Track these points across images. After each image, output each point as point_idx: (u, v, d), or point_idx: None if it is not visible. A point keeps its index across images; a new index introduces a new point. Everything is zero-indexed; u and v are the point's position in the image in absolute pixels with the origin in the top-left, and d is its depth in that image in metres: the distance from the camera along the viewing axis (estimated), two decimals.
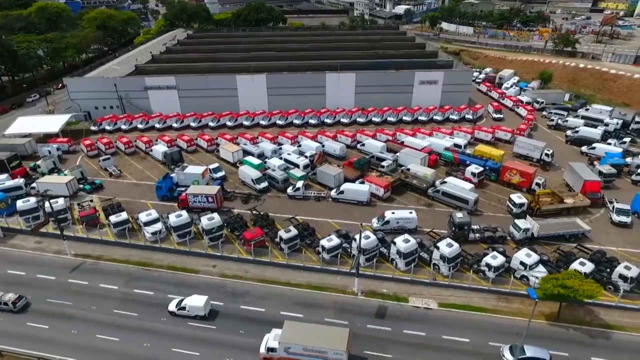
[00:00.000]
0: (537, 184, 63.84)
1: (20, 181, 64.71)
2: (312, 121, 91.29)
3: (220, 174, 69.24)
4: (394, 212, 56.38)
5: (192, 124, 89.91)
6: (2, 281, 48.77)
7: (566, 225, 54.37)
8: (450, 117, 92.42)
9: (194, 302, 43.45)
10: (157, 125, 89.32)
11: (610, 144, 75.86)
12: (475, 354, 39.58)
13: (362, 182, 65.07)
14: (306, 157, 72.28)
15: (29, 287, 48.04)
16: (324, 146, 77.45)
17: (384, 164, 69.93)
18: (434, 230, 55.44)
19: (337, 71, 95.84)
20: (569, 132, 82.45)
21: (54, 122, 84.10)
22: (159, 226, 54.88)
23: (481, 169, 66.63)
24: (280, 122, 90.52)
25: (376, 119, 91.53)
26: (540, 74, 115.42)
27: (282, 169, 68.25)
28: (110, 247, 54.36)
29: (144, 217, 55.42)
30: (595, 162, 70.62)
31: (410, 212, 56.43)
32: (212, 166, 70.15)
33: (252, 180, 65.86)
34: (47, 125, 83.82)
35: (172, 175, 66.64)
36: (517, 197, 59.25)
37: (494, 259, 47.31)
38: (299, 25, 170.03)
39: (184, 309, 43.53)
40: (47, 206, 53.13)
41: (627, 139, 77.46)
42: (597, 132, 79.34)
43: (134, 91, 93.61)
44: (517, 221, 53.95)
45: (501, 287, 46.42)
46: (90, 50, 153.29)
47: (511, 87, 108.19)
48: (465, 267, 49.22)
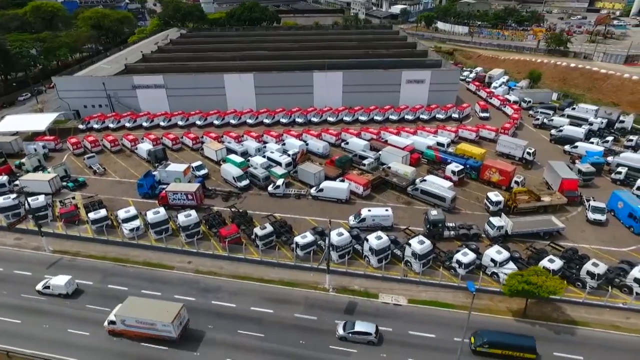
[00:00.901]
0: (516, 182, 64.19)
1: (3, 178, 65.38)
2: (299, 120, 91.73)
3: (202, 171, 69.79)
4: (370, 210, 56.80)
5: (180, 123, 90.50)
6: None
7: (540, 223, 54.68)
8: (436, 116, 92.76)
9: (57, 281, 46.40)
10: (144, 123, 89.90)
11: (592, 143, 76.04)
12: (439, 349, 39.99)
13: (342, 180, 65.50)
14: (289, 155, 72.82)
15: (5, 283, 48.75)
16: (307, 144, 77.95)
17: (365, 162, 70.40)
18: (410, 227, 55.80)
19: (324, 70, 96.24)
20: (553, 131, 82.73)
21: (41, 121, 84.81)
22: (137, 223, 55.46)
23: (461, 167, 67.03)
24: (267, 121, 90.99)
25: (363, 118, 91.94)
26: (529, 74, 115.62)
27: (264, 167, 68.73)
28: (88, 244, 54.93)
29: (122, 214, 56.00)
30: (576, 161, 70.88)
31: (386, 210, 56.85)
32: (194, 164, 70.73)
33: (234, 178, 66.43)
34: (34, 123, 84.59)
35: (155, 173, 67.23)
36: (494, 195, 59.62)
37: (464, 255, 47.69)
38: (293, 24, 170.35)
39: (48, 287, 46.52)
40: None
41: (610, 138, 77.66)
42: (580, 131, 79.62)
43: (122, 90, 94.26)
44: (491, 219, 54.37)
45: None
46: (84, 49, 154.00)
47: (500, 86, 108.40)
48: (437, 264, 49.63)
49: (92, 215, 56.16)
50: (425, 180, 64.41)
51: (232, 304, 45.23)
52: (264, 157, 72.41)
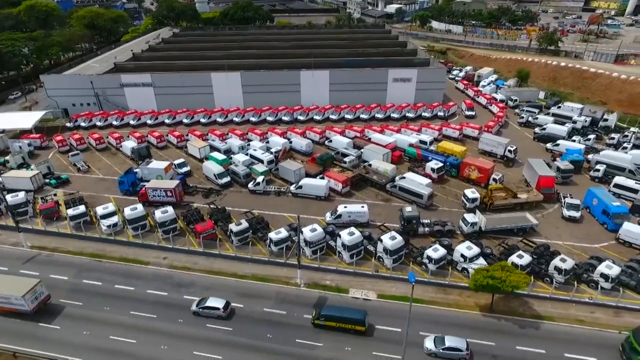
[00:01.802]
0: (494, 180, 64.57)
1: None
2: (285, 118, 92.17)
3: (185, 169, 70.35)
4: (346, 206, 57.28)
5: (167, 121, 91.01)
6: None
7: (514, 219, 55.09)
8: (422, 114, 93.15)
9: None
10: (131, 122, 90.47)
11: (574, 141, 76.35)
12: (402, 342, 40.29)
13: (322, 178, 65.93)
14: (271, 153, 73.32)
15: None
16: (291, 142, 78.44)
17: (346, 159, 70.86)
18: (385, 224, 56.18)
19: (311, 69, 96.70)
20: (537, 129, 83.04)
21: (28, 119, 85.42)
22: (115, 219, 56.02)
23: (441, 164, 67.44)
24: (253, 119, 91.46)
25: (349, 116, 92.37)
26: (517, 72, 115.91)
27: (245, 165, 69.21)
28: (66, 240, 55.48)
29: (100, 210, 56.62)
30: (557, 158, 71.25)
31: (362, 206, 57.32)
32: (177, 161, 71.25)
33: (215, 175, 66.92)
34: (21, 121, 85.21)
35: (136, 170, 67.78)
36: (471, 192, 60.02)
37: (435, 251, 48.11)
38: (287, 24, 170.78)
39: None
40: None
41: (592, 136, 77.95)
42: (563, 129, 79.97)
43: (110, 88, 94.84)
44: (465, 215, 54.79)
45: (440, 280, 47.19)
46: (78, 48, 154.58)
47: (488, 85, 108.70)
48: (410, 260, 50.05)
49: (71, 211, 56.72)
50: (404, 177, 64.80)
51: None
52: (247, 154, 72.86)
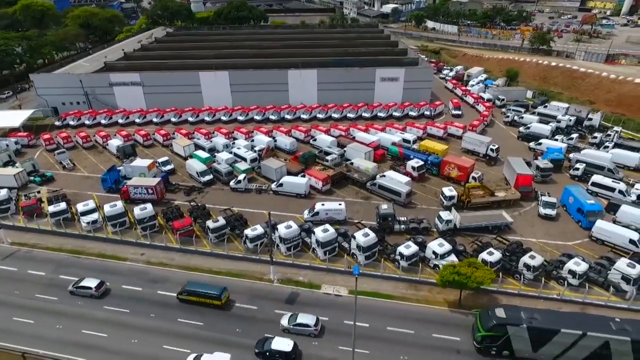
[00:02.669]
0: (474, 178, 65.04)
1: None
2: (272, 117, 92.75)
3: (168, 167, 70.99)
4: (323, 204, 57.86)
5: (154, 120, 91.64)
6: None
7: (489, 217, 55.62)
8: (409, 113, 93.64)
9: None
10: (120, 120, 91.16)
11: (557, 140, 76.74)
12: (370, 337, 40.95)
13: (304, 176, 66.50)
14: (255, 151, 73.92)
15: None
16: (276, 141, 79.06)
17: (328, 157, 71.42)
18: (362, 221, 56.68)
19: (298, 68, 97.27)
20: (521, 129, 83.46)
21: (16, 117, 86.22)
22: (95, 216, 56.69)
23: (421, 163, 67.97)
24: (240, 118, 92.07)
25: (336, 115, 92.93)
26: (506, 72, 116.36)
27: (228, 163, 69.81)
28: (47, 236, 56.13)
29: (80, 207, 57.28)
30: (539, 157, 71.70)
31: (339, 204, 57.88)
32: (161, 159, 71.91)
33: (197, 173, 67.56)
34: (9, 120, 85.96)
35: (120, 168, 68.48)
36: (449, 190, 60.52)
37: (407, 248, 48.64)
38: (281, 23, 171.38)
39: None
40: None
41: (575, 135, 78.33)
42: (547, 128, 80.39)
43: (99, 87, 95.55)
44: (440, 213, 55.31)
45: (411, 276, 47.76)
46: (73, 48, 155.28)
47: (477, 84, 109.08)
48: (383, 257, 50.60)
49: (52, 208, 57.43)
50: (384, 175, 65.32)
51: (176, 294, 46.25)
52: (231, 153, 73.46)
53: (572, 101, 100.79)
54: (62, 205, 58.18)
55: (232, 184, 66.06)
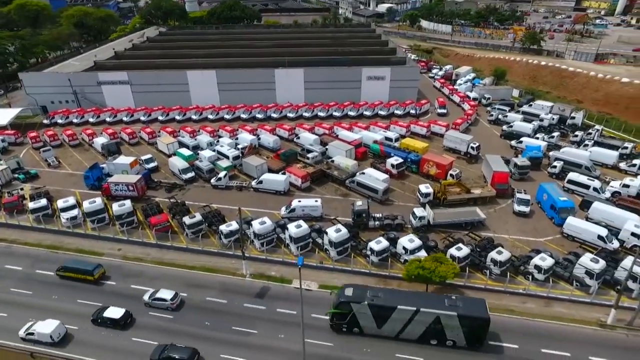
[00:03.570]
0: (451, 175, 65.66)
1: None
2: (259, 115, 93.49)
3: (152, 164, 71.74)
4: (300, 201, 58.56)
5: (142, 118, 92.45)
6: None
7: (462, 214, 56.26)
8: (395, 112, 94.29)
9: None
10: (107, 119, 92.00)
11: (538, 138, 77.32)
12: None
13: (284, 173, 67.23)
14: (238, 149, 74.68)
15: None
16: (259, 139, 79.82)
17: (309, 155, 72.10)
18: (337, 217, 57.37)
19: (285, 67, 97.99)
20: (504, 127, 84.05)
21: (4, 115, 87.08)
22: (75, 212, 57.51)
23: (401, 160, 68.60)
24: (227, 117, 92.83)
25: (322, 114, 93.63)
26: (494, 71, 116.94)
27: (210, 161, 70.57)
28: (26, 232, 57.03)
29: (60, 203, 58.13)
30: (519, 155, 72.30)
31: (315, 201, 58.57)
32: (144, 157, 72.69)
33: (179, 170, 68.35)
34: None
35: (103, 165, 69.31)
36: (425, 188, 61.17)
37: (377, 243, 49.30)
38: (274, 23, 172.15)
39: None
40: None
41: (556, 134, 78.90)
42: (529, 127, 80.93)
43: (88, 86, 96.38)
44: (414, 209, 55.97)
45: (381, 271, 48.44)
46: (67, 47, 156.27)
47: (464, 83, 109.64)
48: (355, 252, 51.33)
49: (32, 204, 58.27)
50: (364, 173, 66.02)
51: (149, 288, 46.94)
52: (214, 150, 74.24)
53: (560, 100, 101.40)
54: (43, 201, 58.99)
55: (212, 181, 66.81)
